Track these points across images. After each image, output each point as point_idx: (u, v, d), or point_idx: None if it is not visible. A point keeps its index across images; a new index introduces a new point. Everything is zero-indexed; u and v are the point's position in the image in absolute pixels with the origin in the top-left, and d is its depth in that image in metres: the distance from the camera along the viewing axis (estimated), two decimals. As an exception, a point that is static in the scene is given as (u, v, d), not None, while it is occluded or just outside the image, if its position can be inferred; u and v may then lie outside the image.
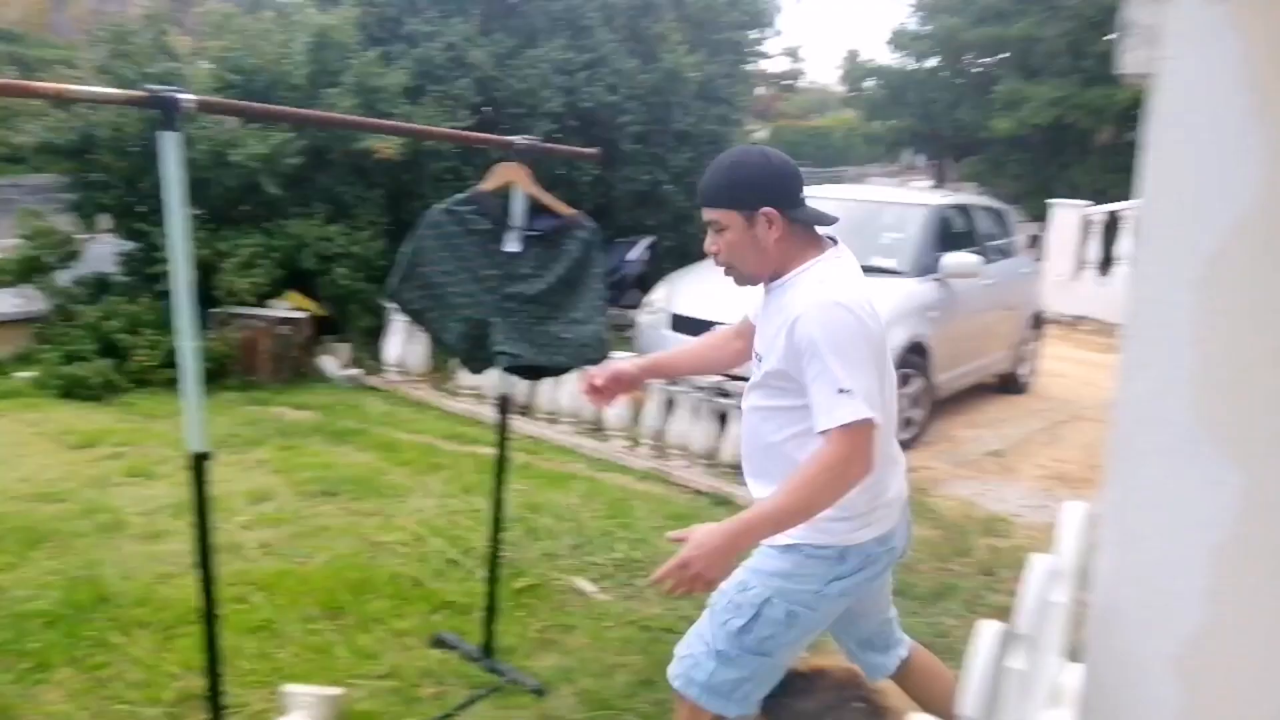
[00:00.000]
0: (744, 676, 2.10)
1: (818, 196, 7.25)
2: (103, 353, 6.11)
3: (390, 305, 6.62)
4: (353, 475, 4.66)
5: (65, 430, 5.22)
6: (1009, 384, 7.40)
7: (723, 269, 2.09)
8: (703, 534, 1.86)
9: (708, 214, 2.03)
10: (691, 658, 2.15)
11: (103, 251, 7.02)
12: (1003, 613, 3.63)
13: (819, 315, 1.86)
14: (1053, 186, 13.81)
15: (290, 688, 2.62)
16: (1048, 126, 14.51)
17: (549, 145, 2.96)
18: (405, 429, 5.69)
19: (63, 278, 6.83)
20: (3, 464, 4.61)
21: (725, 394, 4.94)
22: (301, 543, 3.91)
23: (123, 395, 5.90)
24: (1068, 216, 10.58)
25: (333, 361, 6.88)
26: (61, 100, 4.84)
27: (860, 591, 2.11)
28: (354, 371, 6.82)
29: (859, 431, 1.80)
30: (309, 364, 6.73)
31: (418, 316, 2.78)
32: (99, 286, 6.73)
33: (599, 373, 2.34)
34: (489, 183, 2.76)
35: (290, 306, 6.68)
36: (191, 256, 6.62)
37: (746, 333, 2.27)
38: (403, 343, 6.69)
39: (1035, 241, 11.61)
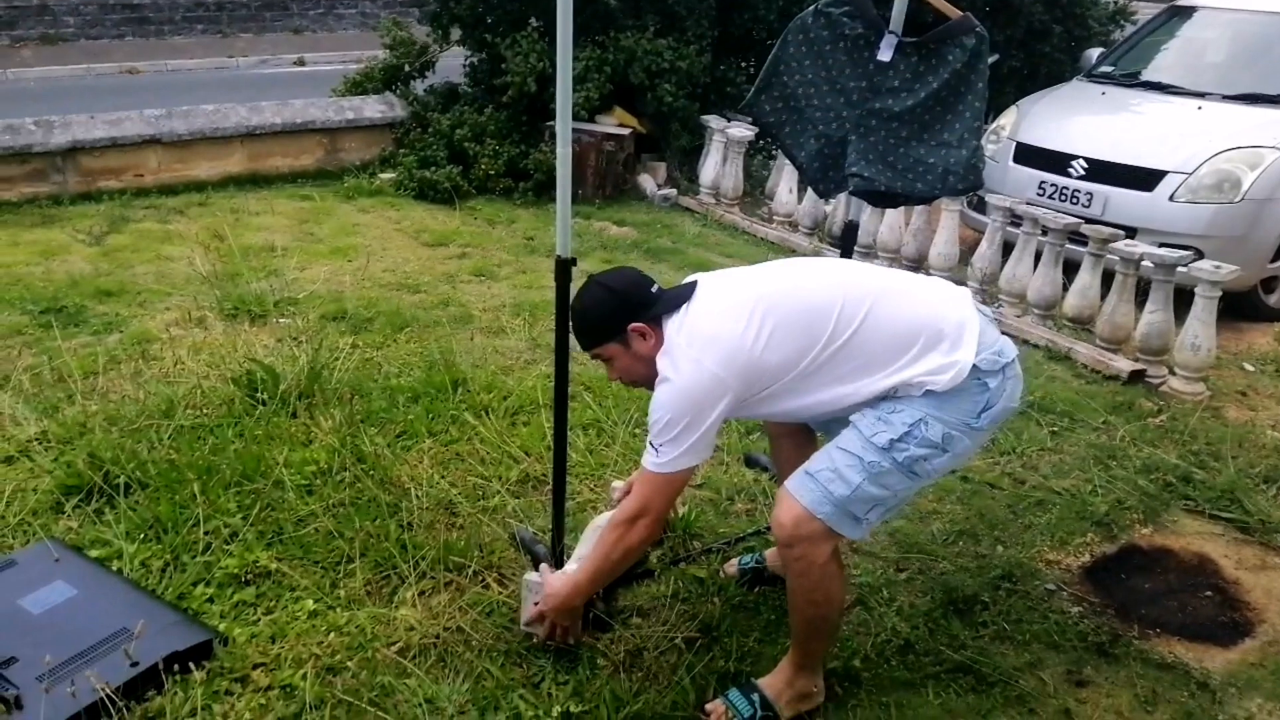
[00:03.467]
0: (884, 496, 2.03)
1: (1208, 6, 6.11)
2: (451, 159, 6.59)
3: (739, 119, 6.51)
4: (670, 292, 4.76)
5: (420, 229, 5.78)
6: None
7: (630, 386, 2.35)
8: (550, 590, 2.24)
9: (592, 354, 2.25)
10: (832, 471, 2.01)
11: (454, 64, 7.48)
12: None
13: (654, 395, 2.08)
14: None
15: (618, 483, 2.78)
16: None
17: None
18: (718, 252, 5.71)
19: (419, 87, 7.38)
20: (372, 255, 5.20)
21: (1079, 238, 4.40)
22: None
23: (467, 200, 6.39)
24: None
25: (650, 180, 6.97)
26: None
27: (1006, 416, 2.09)
28: (669, 191, 6.88)
29: (656, 481, 2.07)
30: (629, 181, 6.88)
31: (772, 131, 2.64)
32: (449, 96, 7.20)
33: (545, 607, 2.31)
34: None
35: (616, 123, 6.78)
36: (533, 69, 6.77)
37: None
38: (718, 165, 6.61)
39: None
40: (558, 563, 2.55)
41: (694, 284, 2.15)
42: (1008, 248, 4.80)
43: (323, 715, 2.09)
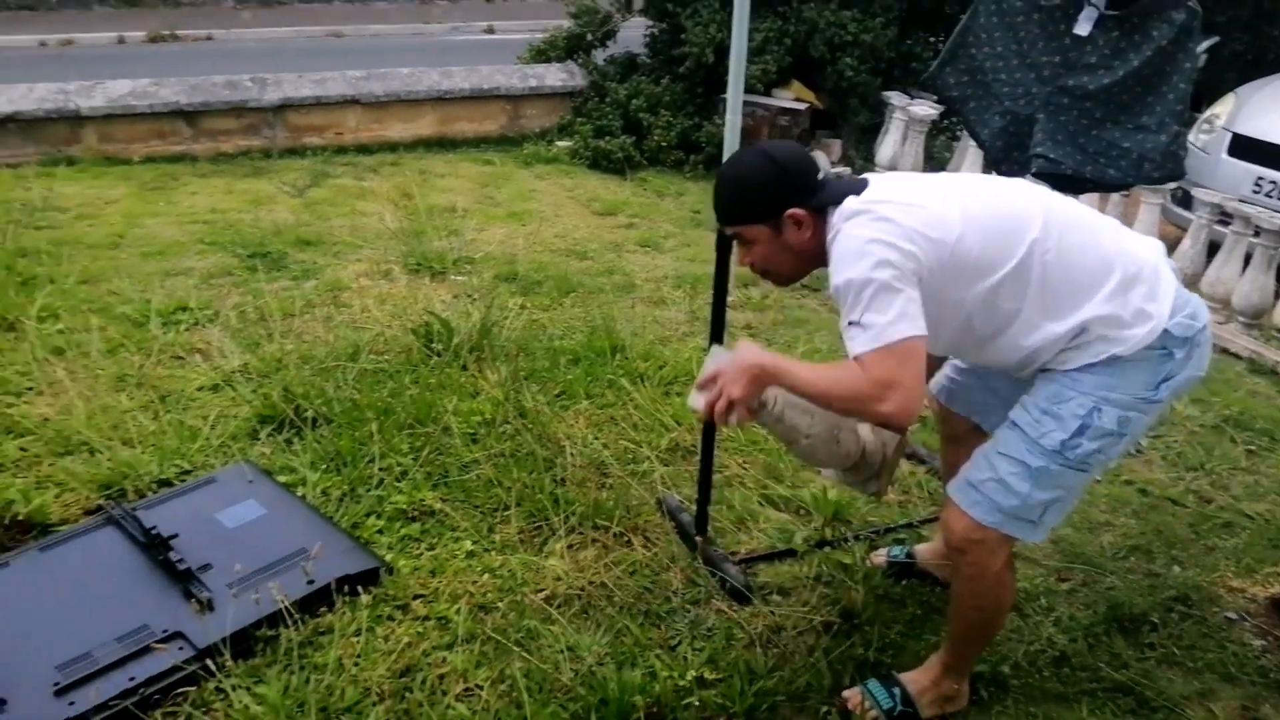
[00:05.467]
0: (1058, 497, 1.88)
1: None
2: (626, 129, 6.69)
3: (916, 95, 6.30)
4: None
5: (592, 197, 5.90)
6: None
7: (760, 275, 2.01)
8: (741, 351, 1.88)
9: (730, 231, 1.95)
10: (997, 482, 1.86)
11: (635, 35, 7.55)
12: None
13: (832, 266, 1.78)
14: None
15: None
16: None
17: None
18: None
19: (599, 56, 7.51)
20: (545, 221, 5.36)
21: (1298, 241, 4.00)
22: (783, 331, 4.07)
23: (638, 171, 6.47)
24: None
25: (824, 157, 6.83)
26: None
27: (1190, 385, 1.86)
28: (843, 170, 6.72)
29: (875, 361, 1.70)
30: (802, 157, 6.76)
31: (956, 105, 2.53)
32: (628, 66, 7.29)
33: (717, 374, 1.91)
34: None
35: (792, 96, 6.67)
36: (711, 39, 6.76)
37: None
38: (897, 144, 6.38)
39: None
40: (700, 531, 2.59)
41: (865, 180, 1.87)
42: (1213, 248, 4.42)
43: (473, 649, 2.21)
